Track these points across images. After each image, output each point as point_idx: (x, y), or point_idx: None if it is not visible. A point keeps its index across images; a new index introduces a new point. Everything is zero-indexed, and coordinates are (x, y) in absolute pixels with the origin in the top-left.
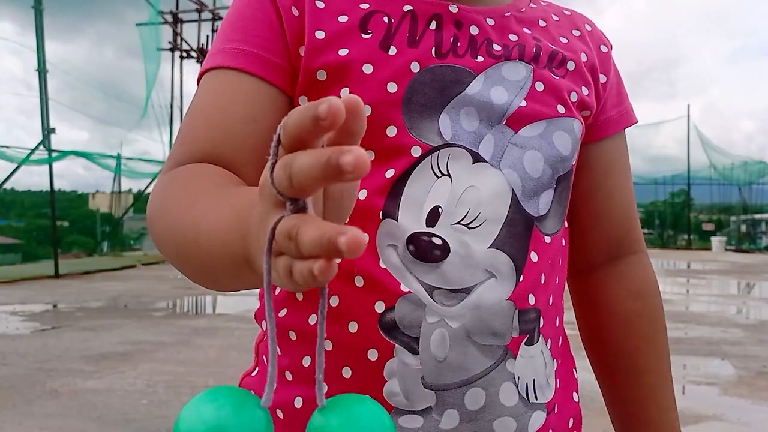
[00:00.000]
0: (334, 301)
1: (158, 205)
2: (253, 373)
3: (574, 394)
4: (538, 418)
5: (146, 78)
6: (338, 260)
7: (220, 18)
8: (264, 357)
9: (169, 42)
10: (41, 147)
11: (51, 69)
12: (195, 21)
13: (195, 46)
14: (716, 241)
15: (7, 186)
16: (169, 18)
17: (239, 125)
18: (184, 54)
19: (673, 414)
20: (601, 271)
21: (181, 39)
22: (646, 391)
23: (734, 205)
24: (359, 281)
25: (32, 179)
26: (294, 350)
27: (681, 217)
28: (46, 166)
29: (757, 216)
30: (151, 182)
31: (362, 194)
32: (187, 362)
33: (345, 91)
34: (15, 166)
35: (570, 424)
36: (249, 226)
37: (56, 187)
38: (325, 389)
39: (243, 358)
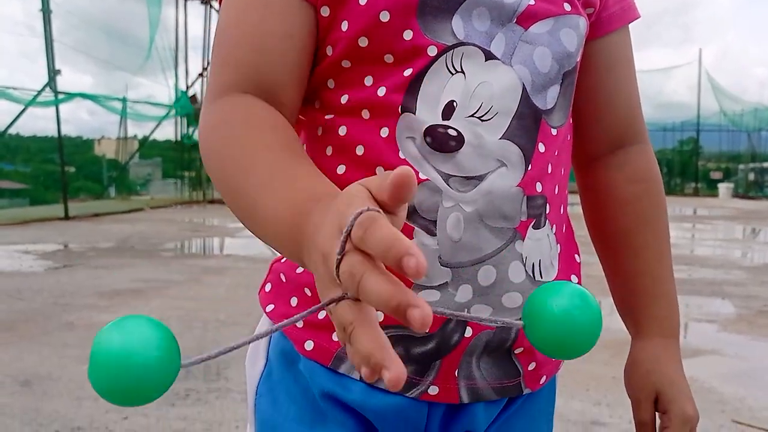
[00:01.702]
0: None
1: (214, 145)
2: (283, 259)
3: (573, 276)
4: None
5: (149, 20)
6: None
7: None
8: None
9: None
10: (47, 89)
11: (54, 9)
12: None
13: None
14: (723, 188)
15: (13, 131)
16: None
17: (277, 42)
18: None
19: (668, 286)
20: (603, 161)
21: None
22: (643, 266)
23: (743, 154)
24: (380, 171)
25: (37, 124)
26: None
27: (689, 165)
28: (51, 111)
29: (766, 164)
30: (157, 125)
31: (381, 91)
32: (198, 298)
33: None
34: (21, 108)
35: None
36: (303, 238)
37: (62, 132)
38: None
39: (251, 295)
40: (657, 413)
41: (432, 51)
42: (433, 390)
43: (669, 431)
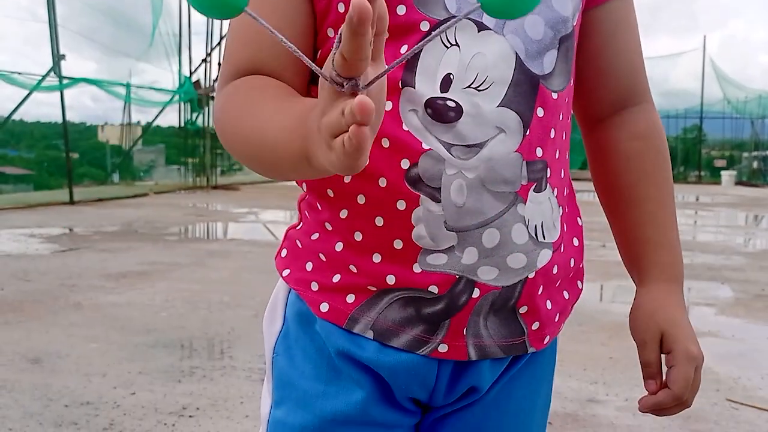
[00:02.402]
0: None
1: (226, 115)
2: (298, 227)
3: (575, 239)
4: (545, 255)
5: (152, 6)
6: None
7: None
8: (306, 212)
9: None
10: (51, 74)
11: None
12: None
13: None
14: (726, 175)
15: (16, 117)
16: None
17: (270, 36)
18: None
19: (671, 234)
20: (607, 122)
21: None
22: (646, 216)
23: (746, 142)
24: (385, 143)
25: (41, 110)
26: (332, 204)
27: (693, 153)
28: (55, 98)
29: None
30: (160, 112)
31: None
32: (203, 281)
33: None
34: (25, 93)
35: (571, 264)
36: (309, 128)
37: (66, 118)
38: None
39: (256, 278)
40: (662, 355)
41: (425, 26)
42: (443, 348)
43: (675, 369)
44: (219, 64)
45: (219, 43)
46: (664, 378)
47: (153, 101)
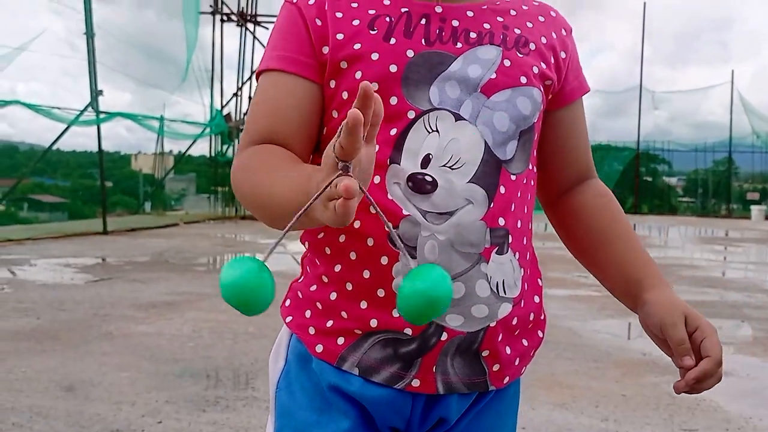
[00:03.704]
0: (357, 224)
1: (244, 173)
2: (300, 280)
3: (536, 296)
4: (506, 308)
5: (187, 41)
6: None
7: None
8: (307, 267)
9: (210, 5)
10: (89, 108)
11: (97, 31)
12: None
13: (235, 10)
14: (756, 209)
15: (53, 147)
16: None
17: (286, 111)
18: (225, 18)
19: (647, 255)
20: (570, 192)
21: (222, 2)
22: (625, 247)
23: None
24: (373, 210)
25: (77, 140)
26: (329, 260)
27: (723, 186)
28: (91, 128)
29: None
30: (192, 143)
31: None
32: (229, 311)
33: (359, 74)
34: (61, 126)
35: (531, 317)
36: (311, 188)
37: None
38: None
39: (279, 309)
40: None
41: (411, 114)
42: (416, 383)
43: (708, 339)
44: (249, 97)
45: (250, 78)
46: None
47: (185, 134)
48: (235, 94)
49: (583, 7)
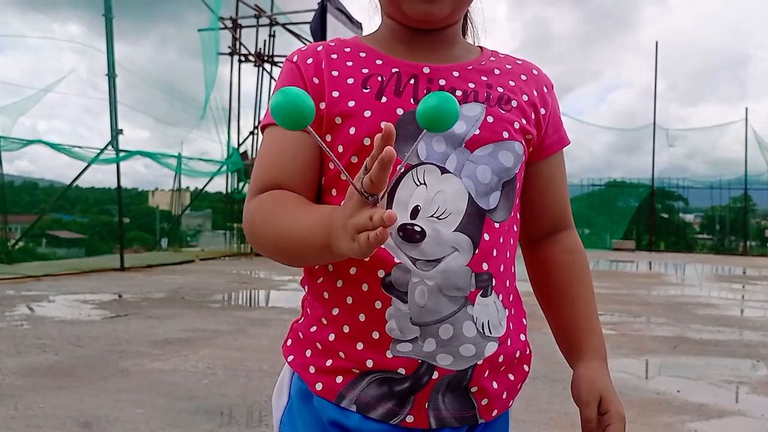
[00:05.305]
0: (352, 270)
1: (258, 219)
2: (300, 321)
3: (522, 335)
4: (491, 346)
5: (205, 81)
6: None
7: (278, 23)
8: (308, 309)
9: (228, 46)
10: (109, 147)
11: (118, 70)
12: (253, 26)
13: (253, 51)
14: None
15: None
16: (229, 24)
17: (288, 163)
18: (242, 58)
19: (598, 324)
20: (545, 240)
21: (240, 44)
22: (579, 309)
23: None
24: (367, 258)
25: (95, 176)
26: (327, 304)
27: (742, 222)
28: (110, 165)
29: None
30: (209, 181)
31: None
32: (243, 349)
33: (352, 130)
34: (81, 163)
35: (517, 355)
36: (333, 225)
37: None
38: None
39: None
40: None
41: (400, 168)
42: (410, 418)
43: (612, 426)
44: None
45: None
46: None
47: (202, 171)
48: (252, 132)
49: (601, 43)
